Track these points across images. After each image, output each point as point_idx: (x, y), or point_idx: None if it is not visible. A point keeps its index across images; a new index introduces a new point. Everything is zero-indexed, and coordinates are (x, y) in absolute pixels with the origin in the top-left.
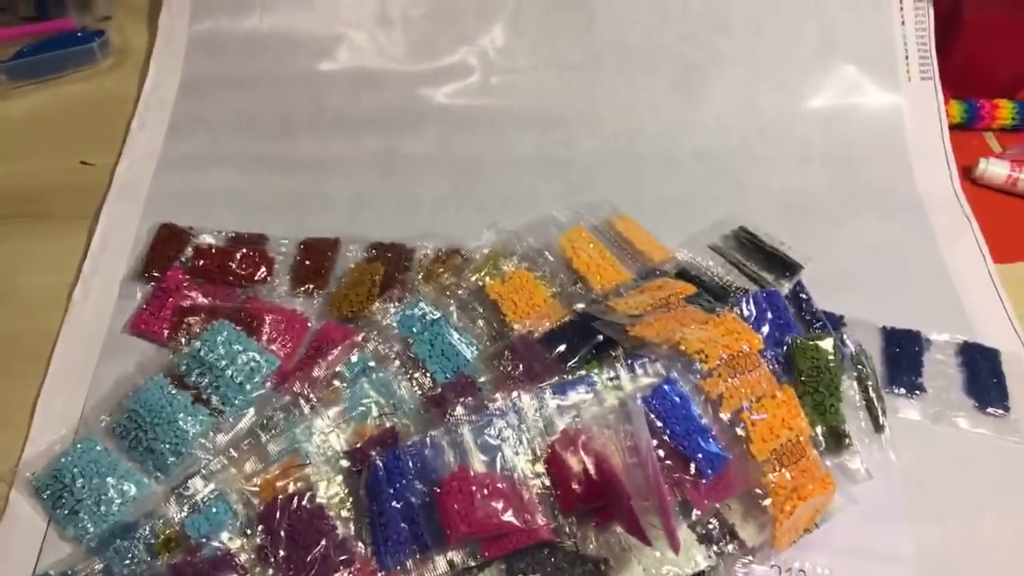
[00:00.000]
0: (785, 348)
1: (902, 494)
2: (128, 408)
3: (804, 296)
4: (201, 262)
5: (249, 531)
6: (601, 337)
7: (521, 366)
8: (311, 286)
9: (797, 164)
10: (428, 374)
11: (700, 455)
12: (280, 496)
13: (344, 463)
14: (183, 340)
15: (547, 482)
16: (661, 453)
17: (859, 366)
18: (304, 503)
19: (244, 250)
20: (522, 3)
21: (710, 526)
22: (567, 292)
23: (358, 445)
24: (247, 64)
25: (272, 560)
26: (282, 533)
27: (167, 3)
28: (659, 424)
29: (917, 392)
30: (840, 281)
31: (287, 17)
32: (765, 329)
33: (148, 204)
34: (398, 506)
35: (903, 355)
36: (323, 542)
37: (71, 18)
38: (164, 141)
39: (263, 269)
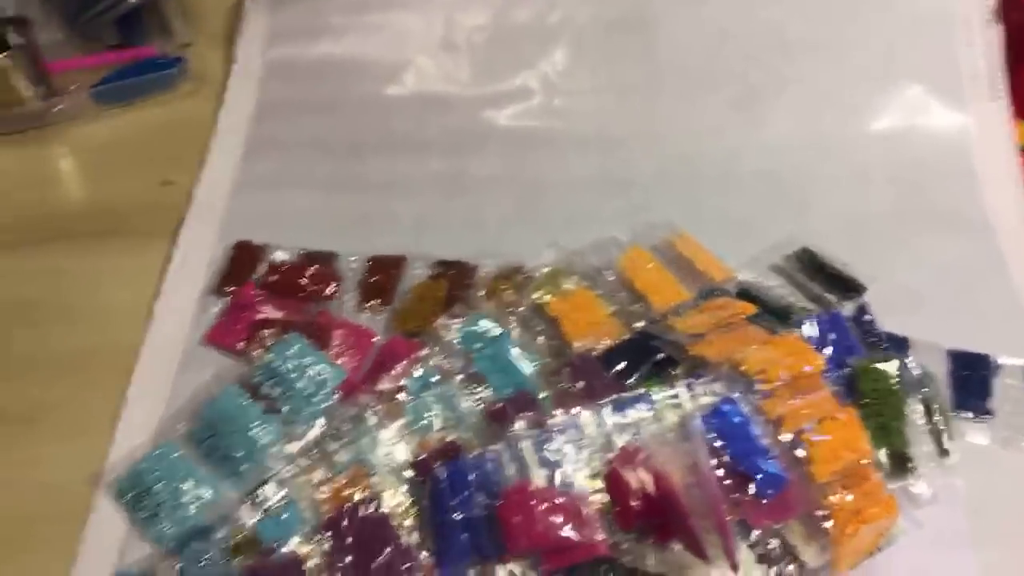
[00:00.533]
0: (848, 370)
1: (968, 519)
2: (204, 417)
3: (868, 318)
4: (274, 278)
5: (318, 537)
6: (661, 356)
7: (581, 383)
8: (378, 302)
9: (861, 184)
10: (489, 389)
11: (760, 476)
12: (347, 504)
13: (408, 474)
14: (256, 352)
15: (606, 498)
16: (721, 473)
17: (924, 389)
18: (370, 512)
19: (315, 267)
20: (583, 27)
21: (770, 546)
22: (627, 311)
23: (422, 457)
24: (319, 89)
25: (339, 565)
26: (349, 540)
27: (244, 31)
28: (719, 444)
29: (985, 416)
30: (905, 303)
31: (357, 44)
32: (828, 350)
33: (225, 223)
34: (459, 517)
35: (971, 379)
36: (388, 550)
37: (153, 46)
38: (240, 163)
39: (332, 285)
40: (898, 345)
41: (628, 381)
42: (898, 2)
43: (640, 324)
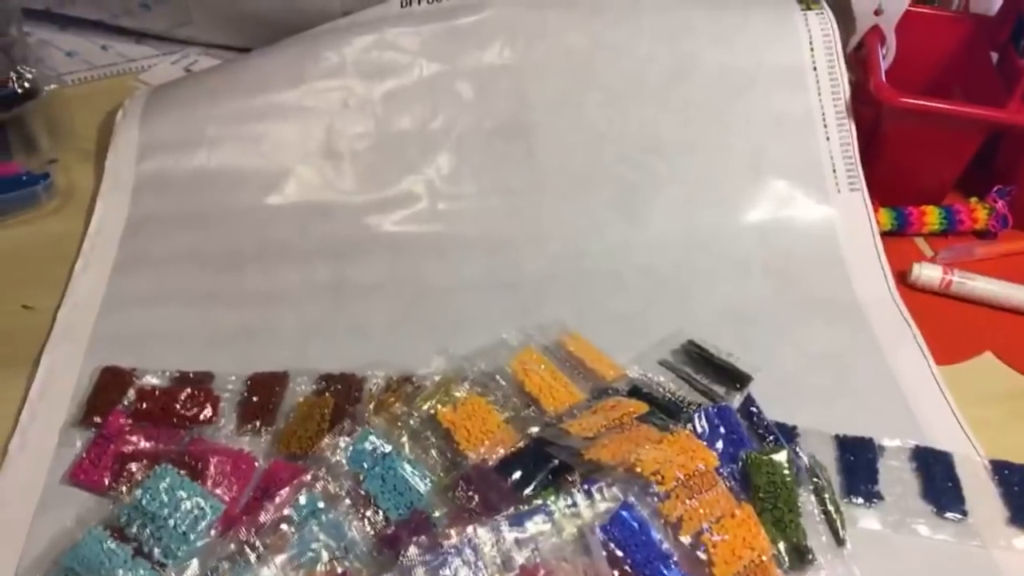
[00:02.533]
0: (740, 464)
1: None
2: (64, 566)
3: (755, 409)
4: (144, 405)
5: None
6: (557, 462)
7: (477, 497)
8: (258, 423)
9: (739, 277)
10: (380, 511)
11: None
12: None
13: None
14: (124, 489)
15: None
16: None
17: (815, 478)
18: None
19: (189, 390)
20: (464, 133)
21: None
22: (521, 416)
23: None
24: (194, 201)
25: None
26: None
27: (114, 144)
28: (619, 553)
29: (875, 500)
30: (789, 391)
31: (234, 154)
32: (719, 445)
33: (91, 346)
34: None
35: (858, 463)
36: None
37: (15, 163)
38: (109, 281)
39: (208, 408)
40: (787, 434)
41: (525, 491)
42: (761, 103)
43: (535, 429)
